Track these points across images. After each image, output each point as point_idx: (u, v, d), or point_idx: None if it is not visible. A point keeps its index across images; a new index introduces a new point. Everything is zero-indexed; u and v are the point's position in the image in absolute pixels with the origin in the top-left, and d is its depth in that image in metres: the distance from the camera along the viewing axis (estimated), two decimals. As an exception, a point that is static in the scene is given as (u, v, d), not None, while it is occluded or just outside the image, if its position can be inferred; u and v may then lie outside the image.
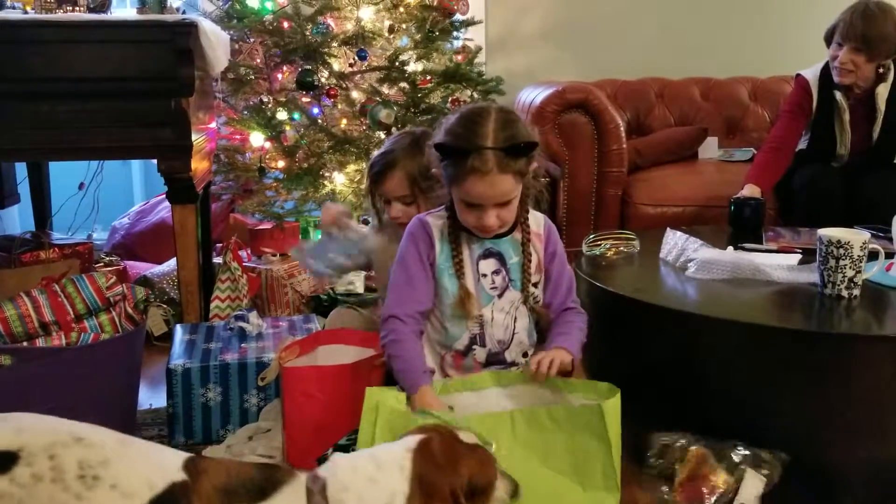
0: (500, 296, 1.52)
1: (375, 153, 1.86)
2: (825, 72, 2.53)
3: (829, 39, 2.46)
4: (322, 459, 1.41)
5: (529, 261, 1.53)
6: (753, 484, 1.42)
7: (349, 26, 2.87)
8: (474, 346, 1.52)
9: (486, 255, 1.52)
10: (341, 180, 2.85)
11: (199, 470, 1.05)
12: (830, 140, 2.55)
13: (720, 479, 1.42)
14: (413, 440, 1.10)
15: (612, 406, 1.27)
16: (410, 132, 1.86)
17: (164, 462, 1.06)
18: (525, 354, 1.55)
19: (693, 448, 1.45)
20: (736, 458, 1.45)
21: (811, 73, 2.57)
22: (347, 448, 1.34)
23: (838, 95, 2.50)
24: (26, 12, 2.11)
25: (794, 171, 2.60)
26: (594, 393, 1.37)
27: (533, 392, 1.44)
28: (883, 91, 2.47)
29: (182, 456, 1.08)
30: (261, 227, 2.85)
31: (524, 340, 1.55)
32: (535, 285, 1.55)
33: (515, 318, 1.54)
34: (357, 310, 1.92)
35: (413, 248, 1.52)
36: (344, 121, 2.90)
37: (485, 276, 1.52)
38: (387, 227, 1.85)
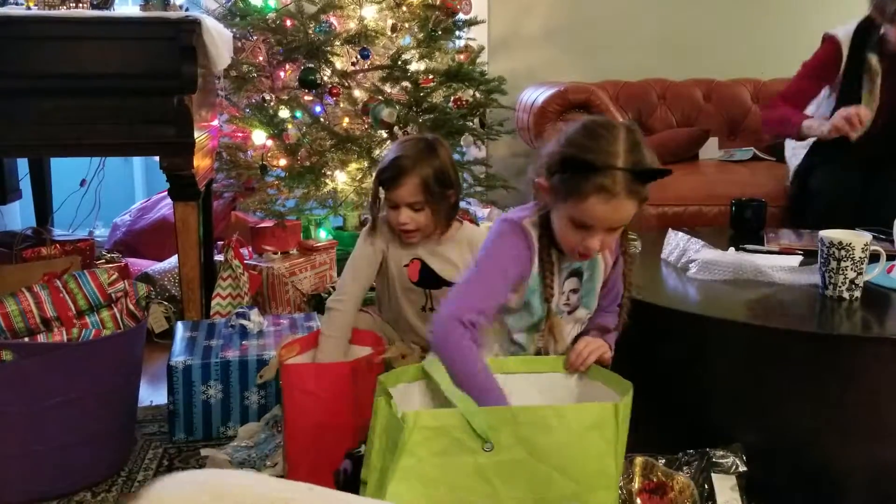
0: (569, 313, 1.46)
1: (386, 156, 1.79)
2: (859, 32, 2.38)
3: (892, 19, 2.24)
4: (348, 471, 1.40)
5: (604, 283, 1.47)
6: (724, 482, 1.42)
7: (352, 25, 2.87)
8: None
9: (571, 273, 1.44)
10: (343, 179, 2.85)
11: None
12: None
13: (678, 482, 1.42)
14: None
15: (626, 405, 1.26)
16: (422, 138, 1.79)
17: None
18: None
19: (638, 459, 1.45)
20: (686, 462, 1.45)
21: (843, 33, 2.41)
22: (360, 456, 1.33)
23: (874, 59, 2.35)
24: (29, 8, 2.11)
25: (812, 168, 2.50)
26: (611, 384, 1.36)
27: (559, 381, 1.42)
28: None
29: None
30: (262, 224, 2.85)
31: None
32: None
33: (573, 332, 1.48)
34: (370, 313, 1.91)
35: (509, 253, 1.37)
36: (346, 119, 2.90)
37: (563, 293, 1.44)
38: (378, 234, 1.81)
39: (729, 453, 1.45)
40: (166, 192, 2.24)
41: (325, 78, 2.82)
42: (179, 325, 2.10)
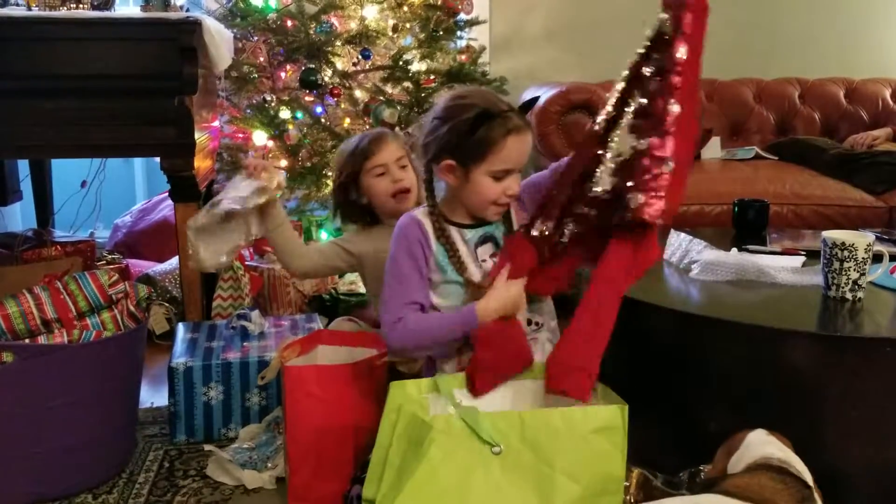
0: None
1: (345, 149, 1.85)
2: None
3: None
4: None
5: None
6: None
7: (353, 25, 2.87)
8: None
9: (482, 241, 1.48)
10: (344, 179, 2.85)
11: None
12: None
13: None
14: None
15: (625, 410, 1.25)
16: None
17: None
18: (529, 322, 1.50)
19: (635, 470, 1.43)
20: (686, 486, 1.42)
21: None
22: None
23: None
24: (30, 9, 2.11)
25: None
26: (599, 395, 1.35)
27: (531, 387, 1.40)
28: None
29: None
30: (263, 225, 2.84)
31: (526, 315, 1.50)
32: None
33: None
34: (357, 322, 1.91)
35: (404, 247, 1.46)
36: (347, 120, 2.89)
37: (484, 261, 1.47)
38: (375, 226, 1.83)
39: None
40: (167, 194, 2.24)
41: (326, 78, 2.82)
42: (180, 327, 2.10)
